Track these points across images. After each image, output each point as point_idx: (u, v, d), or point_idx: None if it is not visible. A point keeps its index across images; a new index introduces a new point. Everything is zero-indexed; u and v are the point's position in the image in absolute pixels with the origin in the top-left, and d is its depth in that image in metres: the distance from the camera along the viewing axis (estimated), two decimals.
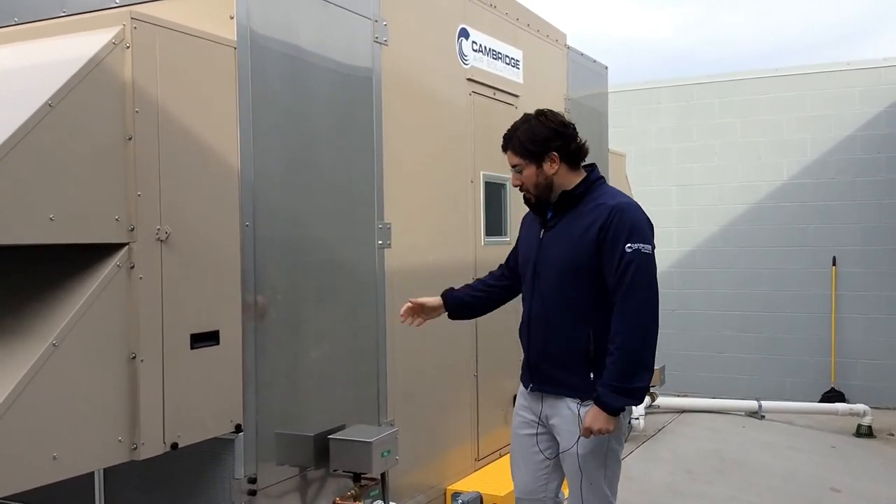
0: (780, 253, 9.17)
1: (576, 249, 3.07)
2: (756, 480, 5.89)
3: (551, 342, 3.16)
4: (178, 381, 2.98)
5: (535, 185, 3.19)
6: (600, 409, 2.97)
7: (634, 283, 2.95)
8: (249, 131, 3.33)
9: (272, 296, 3.47)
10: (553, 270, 3.15)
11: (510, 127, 3.32)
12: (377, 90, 4.12)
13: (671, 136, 9.68)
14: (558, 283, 3.13)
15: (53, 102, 2.56)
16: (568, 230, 3.13)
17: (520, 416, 3.36)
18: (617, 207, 3.05)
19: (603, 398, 2.96)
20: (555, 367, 3.16)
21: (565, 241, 3.12)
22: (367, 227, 4.08)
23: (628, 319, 2.94)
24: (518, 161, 3.21)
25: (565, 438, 3.17)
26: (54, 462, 2.56)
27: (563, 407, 3.17)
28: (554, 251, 3.16)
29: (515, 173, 3.24)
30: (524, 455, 3.33)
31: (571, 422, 3.13)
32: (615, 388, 2.95)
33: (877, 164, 8.84)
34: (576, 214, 3.14)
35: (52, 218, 2.56)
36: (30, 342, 2.57)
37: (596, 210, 3.08)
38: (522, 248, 3.36)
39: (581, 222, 3.10)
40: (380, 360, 4.13)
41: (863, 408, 7.62)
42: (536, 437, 3.29)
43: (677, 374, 8.93)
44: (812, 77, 9.09)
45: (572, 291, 3.10)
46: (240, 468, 3.30)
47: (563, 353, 3.14)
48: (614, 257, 2.98)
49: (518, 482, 3.39)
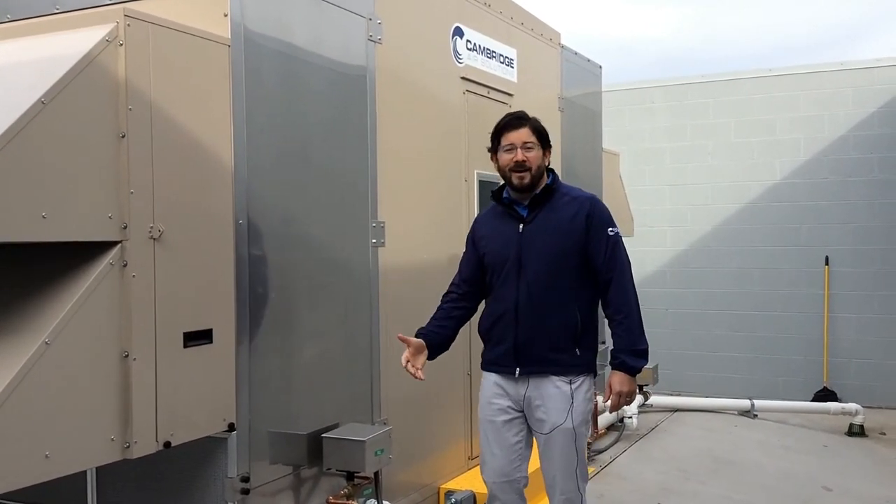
0: (773, 252, 9.19)
1: (566, 237, 3.36)
2: (748, 479, 5.91)
3: (543, 324, 3.34)
4: (171, 379, 2.98)
5: (538, 167, 3.41)
6: (625, 373, 3.31)
7: (622, 261, 3.37)
8: (243, 129, 3.32)
9: (265, 294, 3.46)
10: (543, 258, 3.35)
11: (513, 113, 3.53)
12: (371, 88, 4.12)
13: (665, 136, 9.69)
14: (549, 270, 3.35)
15: (46, 99, 2.55)
16: (551, 222, 3.39)
17: (494, 405, 3.47)
18: (593, 199, 3.47)
19: (628, 362, 3.30)
20: (545, 348, 3.35)
21: (552, 231, 3.37)
22: (360, 225, 4.08)
23: (623, 293, 3.33)
24: (532, 140, 3.41)
25: (554, 415, 3.34)
26: (46, 460, 2.55)
27: (549, 386, 3.36)
28: (541, 241, 3.37)
29: (524, 150, 3.39)
30: (500, 441, 3.46)
31: (560, 399, 3.34)
32: (634, 351, 3.30)
33: (869, 165, 8.87)
34: (552, 209, 3.41)
35: (44, 216, 2.55)
36: (22, 340, 2.56)
37: (574, 202, 3.42)
38: (494, 245, 3.48)
39: (562, 214, 3.39)
40: (373, 358, 4.13)
41: (855, 407, 7.64)
42: (513, 422, 3.45)
43: (670, 374, 8.95)
44: (805, 77, 9.11)
45: (562, 275, 3.35)
46: (233, 467, 3.29)
47: (555, 333, 3.35)
48: (601, 241, 3.36)
49: (494, 467, 3.48)
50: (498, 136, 3.48)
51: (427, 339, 3.48)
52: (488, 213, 3.63)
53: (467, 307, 3.62)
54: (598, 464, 6.05)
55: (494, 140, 3.51)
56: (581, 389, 3.38)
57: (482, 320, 3.57)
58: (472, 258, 3.59)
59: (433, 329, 3.54)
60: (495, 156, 3.52)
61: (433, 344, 3.50)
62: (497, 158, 3.50)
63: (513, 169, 3.40)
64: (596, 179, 6.89)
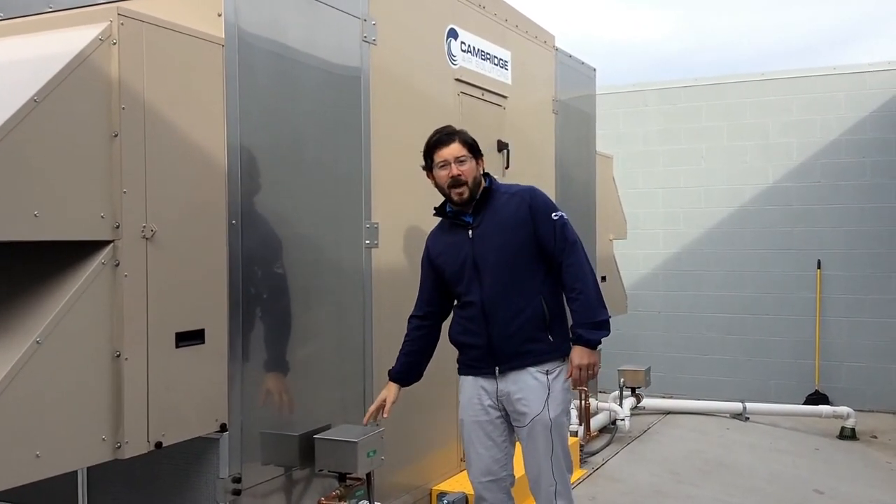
0: (765, 256, 9.22)
1: (515, 232, 3.45)
2: (740, 482, 5.92)
3: (512, 320, 3.43)
4: (163, 379, 2.97)
5: (473, 179, 3.51)
6: (583, 346, 3.41)
7: (571, 241, 3.46)
8: (237, 129, 3.32)
9: (258, 295, 3.45)
10: (497, 257, 3.45)
11: (442, 129, 3.60)
12: (365, 89, 4.11)
13: (658, 139, 9.71)
14: (506, 266, 3.44)
15: (39, 98, 2.54)
16: (496, 221, 3.49)
17: (476, 406, 3.53)
18: (529, 190, 3.57)
19: (585, 336, 3.40)
20: (520, 341, 3.44)
21: (500, 230, 3.47)
22: (354, 226, 4.07)
23: (578, 269, 3.43)
24: (465, 153, 3.51)
25: (534, 406, 3.41)
26: (37, 460, 2.54)
27: (527, 378, 3.44)
28: (492, 242, 3.47)
29: (457, 164, 3.48)
30: (484, 441, 3.52)
31: (538, 389, 3.42)
32: (590, 324, 3.40)
33: (861, 169, 8.90)
34: (494, 209, 3.52)
35: (36, 214, 2.54)
36: (13, 339, 2.55)
37: (512, 199, 3.52)
38: (449, 259, 3.58)
39: (505, 212, 3.49)
40: (366, 360, 4.12)
41: (846, 410, 7.66)
42: (495, 421, 3.52)
43: (662, 376, 8.97)
44: (798, 81, 9.14)
45: (520, 269, 3.45)
46: (224, 468, 3.28)
47: (526, 325, 3.44)
48: (549, 226, 3.46)
49: (480, 467, 3.53)
50: (430, 153, 3.57)
51: (402, 383, 3.73)
52: (436, 232, 3.72)
53: (432, 326, 3.73)
54: (591, 466, 6.05)
55: (427, 158, 3.59)
56: (558, 380, 3.47)
57: (452, 329, 3.66)
58: (430, 278, 3.69)
59: (401, 368, 3.73)
60: (431, 174, 3.60)
61: (409, 381, 3.76)
62: (433, 176, 3.59)
63: (451, 185, 3.50)
64: (590, 182, 6.90)
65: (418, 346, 3.71)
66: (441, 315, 3.74)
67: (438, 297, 3.69)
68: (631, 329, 9.41)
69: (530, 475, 3.48)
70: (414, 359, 3.71)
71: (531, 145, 5.83)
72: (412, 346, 3.71)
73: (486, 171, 3.63)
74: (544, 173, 6.00)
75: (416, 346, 3.71)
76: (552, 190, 6.02)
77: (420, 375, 3.77)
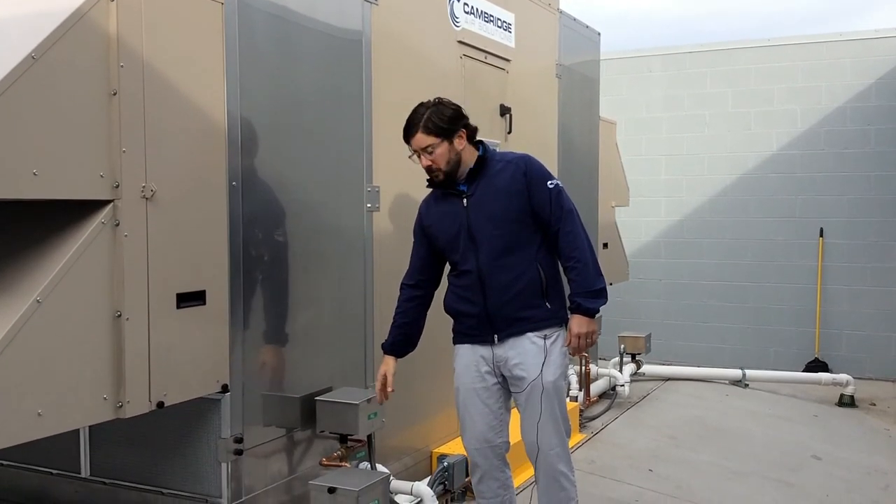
0: (768, 224, 9.19)
1: (510, 199, 3.42)
2: (738, 447, 5.96)
3: (509, 287, 3.42)
4: (164, 340, 2.97)
5: (447, 162, 3.43)
6: (582, 315, 3.40)
7: (567, 209, 3.44)
8: (236, 89, 3.29)
9: (259, 257, 3.45)
10: (493, 224, 3.42)
11: (410, 117, 3.50)
12: (367, 51, 4.07)
13: (661, 106, 9.64)
14: (501, 234, 3.42)
15: (37, 55, 2.51)
16: (491, 189, 3.45)
17: (473, 373, 3.53)
18: (524, 158, 3.53)
19: (584, 304, 3.39)
20: (517, 308, 3.43)
21: (495, 198, 3.43)
22: (355, 189, 4.06)
23: (574, 238, 3.42)
24: (430, 141, 3.42)
25: (531, 370, 3.42)
26: (39, 418, 2.55)
27: (525, 343, 3.44)
28: (487, 210, 3.43)
29: (425, 155, 3.44)
30: (480, 408, 3.53)
31: (535, 354, 3.43)
32: (589, 293, 3.39)
33: (866, 137, 8.84)
34: (489, 177, 3.47)
35: (35, 173, 2.52)
36: (13, 299, 2.55)
37: (508, 166, 3.48)
38: (443, 227, 3.54)
39: (500, 179, 3.45)
40: (367, 323, 4.13)
41: (846, 378, 7.69)
42: (491, 388, 3.52)
43: (662, 343, 8.99)
44: (804, 47, 9.05)
45: (515, 236, 3.43)
46: (226, 428, 3.30)
47: (522, 293, 3.42)
48: (545, 194, 3.43)
49: (476, 434, 3.54)
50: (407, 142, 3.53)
51: (397, 355, 3.66)
52: (430, 200, 3.65)
53: (424, 296, 3.69)
54: (590, 430, 6.09)
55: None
56: (556, 344, 3.47)
57: (447, 297, 3.62)
58: (423, 247, 3.66)
59: (395, 340, 3.67)
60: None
61: (404, 352, 3.69)
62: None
63: (427, 172, 3.49)
64: (592, 148, 6.86)
65: (411, 317, 3.66)
66: (433, 283, 3.70)
67: (431, 265, 3.65)
68: (632, 296, 9.42)
69: (528, 439, 3.49)
70: (407, 330, 3.66)
71: (534, 110, 5.79)
72: (405, 318, 3.66)
73: (479, 140, 3.57)
74: (547, 139, 5.96)
75: (410, 318, 3.66)
76: (554, 155, 5.98)
77: (414, 345, 3.72)
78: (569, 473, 3.49)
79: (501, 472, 3.59)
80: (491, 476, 3.56)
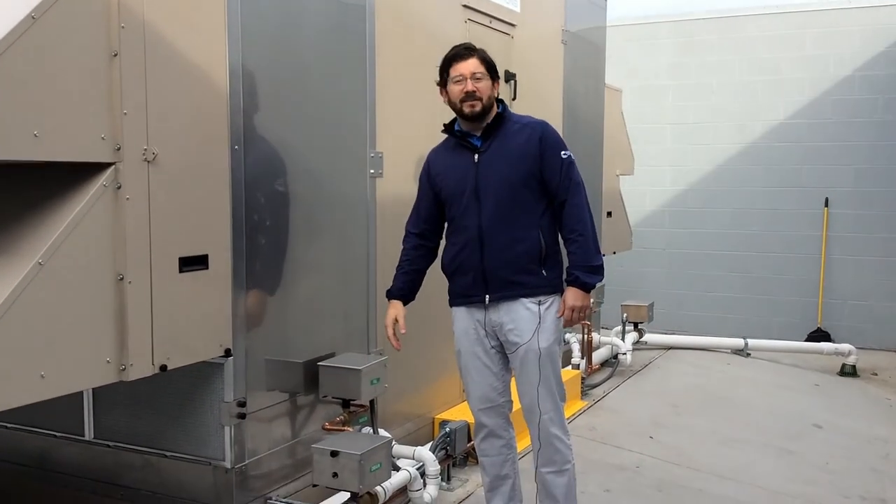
0: (773, 193, 9.15)
1: (522, 161, 3.41)
2: (739, 415, 5.98)
3: (507, 249, 3.41)
4: (167, 303, 2.97)
5: (488, 98, 3.43)
6: (579, 288, 3.42)
7: (575, 181, 3.44)
8: (238, 53, 3.25)
9: (261, 221, 3.44)
10: (501, 185, 3.40)
11: (458, 46, 3.49)
12: (370, 15, 4.03)
13: (668, 73, 9.55)
14: (508, 196, 3.40)
15: (37, 14, 2.48)
16: (505, 149, 3.43)
17: (472, 336, 3.53)
18: (543, 124, 3.51)
19: (581, 278, 3.41)
20: (513, 271, 3.42)
21: (506, 158, 3.42)
22: (358, 155, 4.03)
23: (579, 211, 3.43)
24: (482, 71, 3.42)
25: (525, 335, 3.42)
26: (42, 380, 2.56)
27: (520, 308, 3.43)
28: (497, 168, 3.42)
29: (473, 81, 3.39)
30: (481, 370, 3.54)
31: (530, 320, 3.42)
32: (588, 268, 3.41)
33: (873, 106, 8.77)
34: (505, 136, 3.45)
35: (36, 134, 2.50)
36: (15, 261, 2.54)
37: (525, 129, 3.46)
38: (450, 179, 3.51)
39: (515, 140, 3.44)
40: (370, 288, 4.13)
41: (848, 347, 7.69)
42: (490, 350, 3.52)
43: (665, 312, 8.98)
44: (812, 15, 8.95)
45: (521, 200, 3.41)
46: (229, 392, 3.32)
47: (521, 256, 3.42)
48: (556, 163, 3.42)
49: (479, 395, 3.56)
50: (446, 68, 3.46)
51: (405, 301, 3.63)
52: (440, 149, 3.62)
53: (429, 247, 3.66)
54: (592, 398, 6.11)
55: (443, 73, 3.48)
56: (550, 310, 3.46)
57: (445, 255, 3.59)
58: (428, 196, 3.61)
59: (403, 285, 3.64)
60: (444, 89, 3.50)
61: (410, 298, 3.67)
62: (447, 91, 3.49)
63: (463, 100, 3.41)
64: (597, 116, 6.81)
65: (418, 265, 3.65)
66: (437, 234, 3.66)
67: (436, 216, 3.61)
68: (635, 265, 9.41)
69: (524, 404, 3.50)
70: (414, 277, 3.65)
71: (539, 76, 5.73)
72: (412, 266, 3.64)
73: (500, 98, 3.55)
74: (552, 105, 5.91)
75: (417, 266, 3.64)
76: (559, 122, 5.94)
77: (414, 297, 3.70)
78: (563, 437, 3.50)
79: (506, 431, 3.61)
80: (495, 434, 3.58)
